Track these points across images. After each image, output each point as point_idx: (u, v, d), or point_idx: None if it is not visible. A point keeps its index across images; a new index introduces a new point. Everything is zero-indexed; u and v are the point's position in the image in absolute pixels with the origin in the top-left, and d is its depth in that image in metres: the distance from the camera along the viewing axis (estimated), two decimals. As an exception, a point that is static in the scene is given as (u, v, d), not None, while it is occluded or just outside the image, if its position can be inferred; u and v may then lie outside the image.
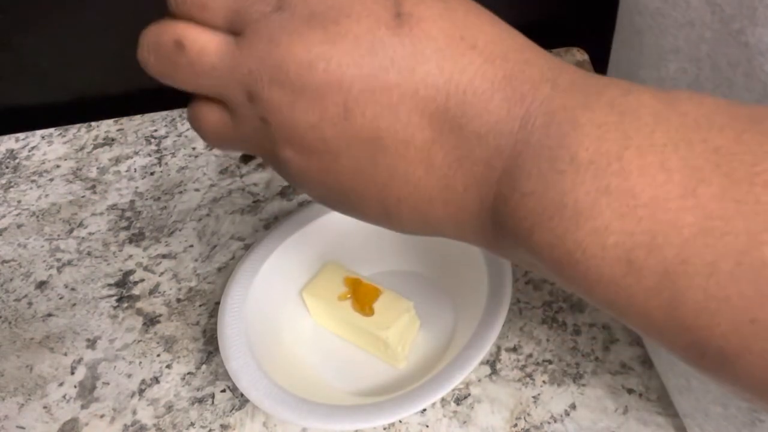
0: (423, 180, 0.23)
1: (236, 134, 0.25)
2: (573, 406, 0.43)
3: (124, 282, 0.55)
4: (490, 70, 0.21)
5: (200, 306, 0.53)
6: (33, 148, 0.69)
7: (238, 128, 0.25)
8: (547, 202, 0.20)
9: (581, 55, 0.68)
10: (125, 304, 0.54)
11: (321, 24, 0.22)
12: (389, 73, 0.22)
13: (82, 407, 0.48)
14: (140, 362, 0.50)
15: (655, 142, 0.19)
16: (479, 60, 0.21)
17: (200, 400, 0.47)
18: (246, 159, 0.33)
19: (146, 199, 0.62)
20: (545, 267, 0.21)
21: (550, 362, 0.46)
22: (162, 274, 0.56)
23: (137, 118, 0.71)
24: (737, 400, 0.33)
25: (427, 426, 0.44)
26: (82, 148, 0.68)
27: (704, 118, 0.19)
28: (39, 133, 0.71)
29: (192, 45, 0.23)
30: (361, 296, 0.45)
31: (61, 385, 0.49)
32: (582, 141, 0.19)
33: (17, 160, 0.68)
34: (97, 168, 0.66)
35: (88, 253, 0.58)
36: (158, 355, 0.50)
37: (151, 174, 0.65)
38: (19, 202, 0.64)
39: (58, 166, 0.67)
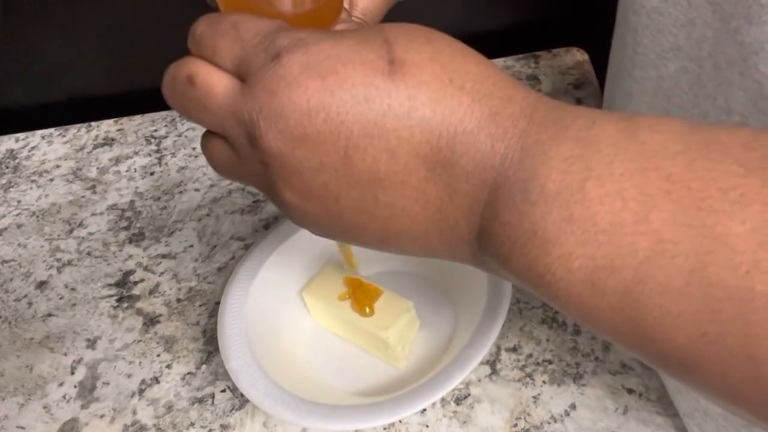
0: (420, 214, 0.24)
1: (240, 170, 0.27)
2: (573, 406, 0.43)
3: (124, 282, 0.55)
4: (477, 109, 0.23)
5: (200, 306, 0.53)
6: (33, 148, 0.69)
7: (241, 166, 0.26)
8: (520, 231, 0.22)
9: (581, 55, 0.68)
10: (125, 304, 0.54)
11: (318, 73, 0.23)
12: (387, 119, 0.23)
13: (82, 407, 0.48)
14: (140, 362, 0.50)
15: (613, 171, 0.21)
16: (468, 100, 0.23)
17: (200, 400, 0.47)
18: None
19: (146, 199, 0.62)
20: (525, 286, 0.23)
21: (550, 362, 0.46)
22: (162, 274, 0.56)
23: (137, 118, 0.71)
24: None
25: (427, 426, 0.44)
26: (82, 148, 0.68)
27: (660, 145, 0.21)
28: (39, 133, 0.71)
29: (201, 82, 0.25)
30: (361, 296, 0.45)
31: (61, 385, 0.49)
32: (550, 174, 0.21)
33: (17, 160, 0.68)
34: (97, 168, 0.66)
35: (88, 253, 0.58)
36: (158, 355, 0.50)
37: (151, 174, 0.65)
38: (19, 202, 0.64)
39: (58, 166, 0.67)
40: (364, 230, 0.26)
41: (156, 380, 0.48)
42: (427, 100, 0.23)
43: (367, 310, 0.45)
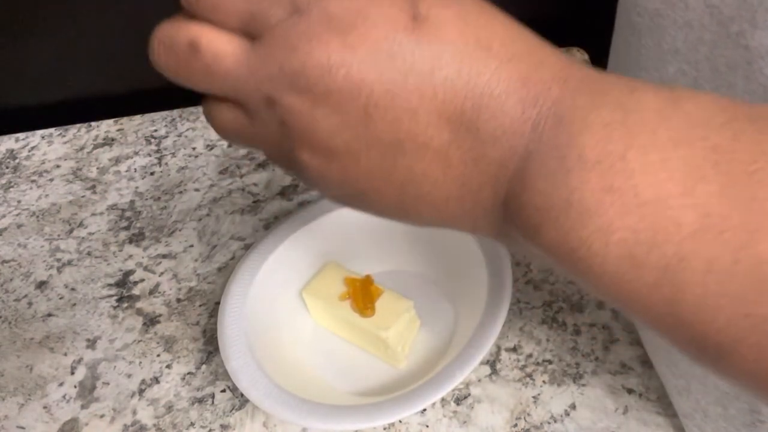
0: (440, 179, 0.23)
1: (252, 134, 0.25)
2: (573, 406, 0.43)
3: (124, 282, 0.55)
4: (505, 72, 0.22)
5: (200, 306, 0.53)
6: (33, 148, 0.69)
7: (255, 129, 0.25)
8: (554, 201, 0.21)
9: (581, 55, 0.68)
10: (125, 304, 0.54)
11: (339, 28, 0.22)
12: (409, 77, 0.22)
13: (82, 407, 0.48)
14: (140, 362, 0.50)
15: (657, 140, 0.19)
16: (495, 62, 0.22)
17: (200, 400, 0.47)
18: None
19: (146, 199, 0.62)
20: (552, 261, 0.22)
21: (550, 362, 0.46)
22: (162, 274, 0.56)
23: (137, 118, 0.71)
24: (737, 401, 0.33)
25: (427, 426, 0.44)
26: (82, 148, 0.68)
27: (705, 116, 0.20)
28: (39, 133, 0.71)
29: (207, 48, 0.23)
30: (361, 297, 0.45)
31: (61, 385, 0.49)
32: (588, 141, 0.20)
33: (17, 160, 0.68)
34: (97, 168, 0.66)
35: (88, 253, 0.58)
36: (158, 355, 0.50)
37: (151, 174, 0.65)
38: (19, 202, 0.64)
39: (58, 166, 0.67)
40: (382, 195, 0.25)
41: (156, 380, 0.48)
42: (451, 59, 0.22)
43: (368, 311, 0.45)
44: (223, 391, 0.47)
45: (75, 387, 0.49)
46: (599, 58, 0.62)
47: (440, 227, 0.26)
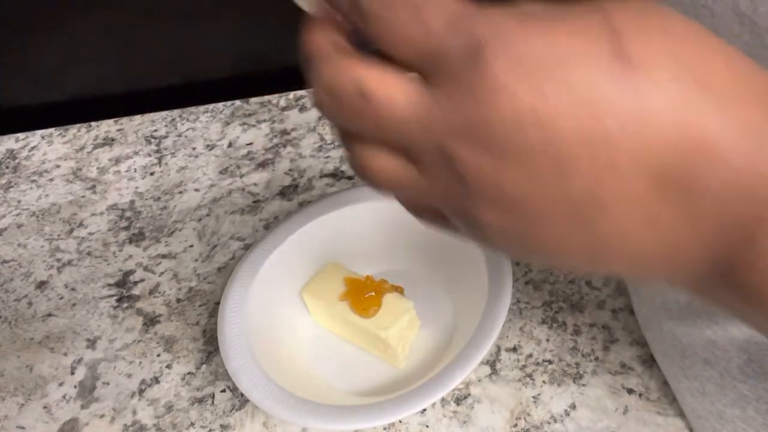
0: (643, 239, 0.21)
1: (420, 187, 0.23)
2: (573, 406, 0.43)
3: (124, 282, 0.55)
4: (731, 121, 0.18)
5: (200, 306, 0.53)
6: (33, 148, 0.69)
7: (425, 182, 0.22)
8: None
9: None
10: (125, 304, 0.54)
11: (528, 74, 0.19)
12: (613, 132, 0.19)
13: (82, 407, 0.48)
14: (140, 362, 0.50)
15: None
16: (717, 110, 0.19)
17: (200, 400, 0.47)
18: None
19: (146, 199, 0.62)
20: None
21: (550, 362, 0.46)
22: (162, 274, 0.56)
23: (137, 118, 0.71)
24: (757, 402, 0.33)
25: (427, 426, 0.44)
26: (82, 148, 0.68)
27: None
28: (39, 133, 0.71)
29: (378, 95, 0.21)
30: (362, 297, 0.45)
31: (61, 385, 0.49)
32: None
33: (17, 160, 0.68)
34: (97, 168, 0.66)
35: (88, 253, 0.58)
36: (158, 355, 0.50)
37: (151, 174, 0.65)
38: (19, 202, 0.64)
39: (58, 166, 0.67)
40: (570, 254, 0.22)
41: (156, 380, 0.48)
42: (664, 109, 0.18)
43: (370, 312, 0.45)
44: (223, 391, 0.47)
45: (75, 387, 0.49)
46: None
47: (630, 276, 0.24)
